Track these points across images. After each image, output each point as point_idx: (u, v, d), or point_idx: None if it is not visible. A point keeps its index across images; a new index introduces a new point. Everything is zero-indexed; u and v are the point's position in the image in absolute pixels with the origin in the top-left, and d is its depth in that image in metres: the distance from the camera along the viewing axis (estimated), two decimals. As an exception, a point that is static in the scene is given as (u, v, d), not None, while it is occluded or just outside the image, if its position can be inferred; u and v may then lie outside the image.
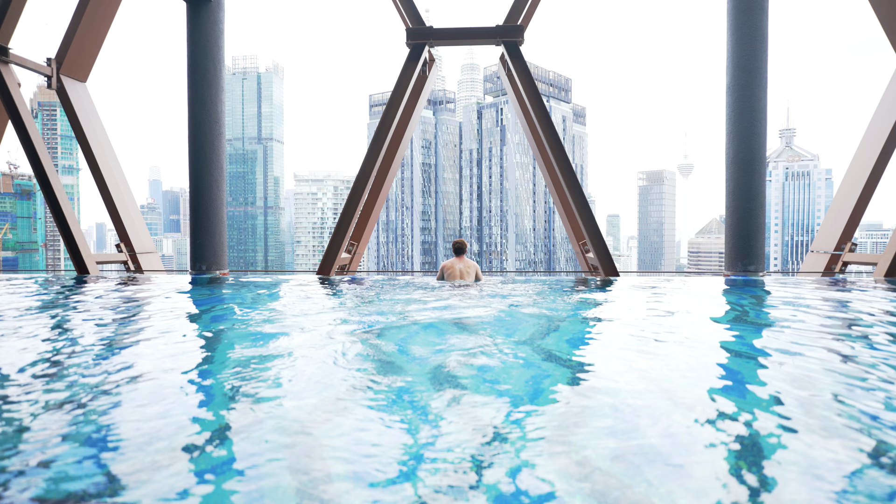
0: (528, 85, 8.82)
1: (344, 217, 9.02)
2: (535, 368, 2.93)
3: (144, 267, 10.32)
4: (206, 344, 3.71)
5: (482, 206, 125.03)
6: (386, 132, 9.07)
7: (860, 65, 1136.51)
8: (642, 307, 5.65)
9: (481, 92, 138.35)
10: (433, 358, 3.11)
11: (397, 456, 1.77)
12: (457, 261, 6.96)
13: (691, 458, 1.78)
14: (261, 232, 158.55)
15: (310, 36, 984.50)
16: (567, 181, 8.70)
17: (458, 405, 2.26)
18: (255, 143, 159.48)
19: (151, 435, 1.95)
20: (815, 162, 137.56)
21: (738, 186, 8.31)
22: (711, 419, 2.13)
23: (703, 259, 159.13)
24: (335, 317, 4.92)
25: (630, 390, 2.52)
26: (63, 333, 4.14)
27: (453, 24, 46.42)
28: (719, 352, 3.47)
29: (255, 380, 2.68)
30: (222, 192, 9.47)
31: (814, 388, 2.53)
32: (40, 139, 9.91)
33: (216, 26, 9.25)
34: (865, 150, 8.96)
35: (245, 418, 2.12)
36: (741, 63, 8.16)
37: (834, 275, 9.03)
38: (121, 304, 5.86)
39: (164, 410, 2.23)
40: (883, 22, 8.58)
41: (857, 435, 1.93)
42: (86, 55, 10.34)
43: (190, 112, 9.25)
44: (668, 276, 12.22)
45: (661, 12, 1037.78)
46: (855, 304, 5.54)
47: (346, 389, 2.53)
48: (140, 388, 2.57)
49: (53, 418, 2.13)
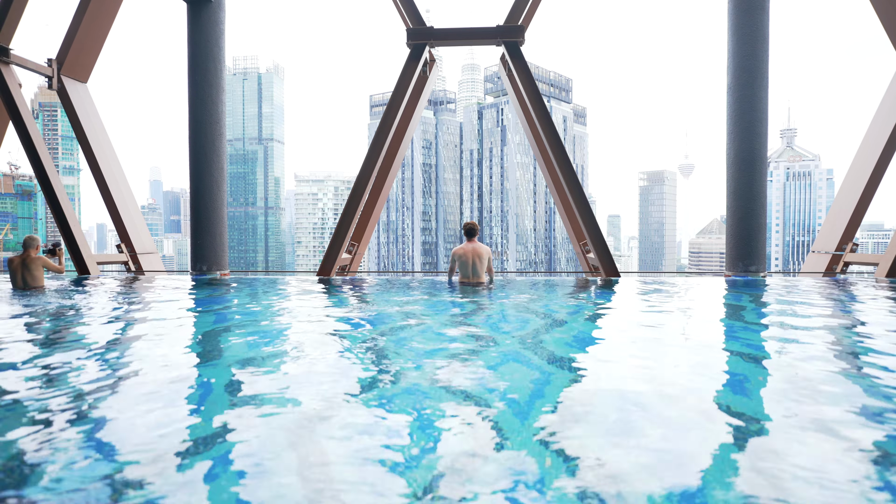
0: (529, 85, 8.81)
1: (344, 217, 9.02)
2: (536, 369, 2.93)
3: (145, 267, 10.32)
4: (206, 344, 3.71)
5: (483, 206, 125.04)
6: (386, 132, 9.06)
7: (861, 65, 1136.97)
8: (643, 307, 5.64)
9: (482, 92, 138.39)
10: (434, 358, 3.10)
11: (398, 456, 1.77)
12: (468, 245, 6.82)
13: (693, 458, 1.77)
14: (261, 232, 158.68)
15: (310, 36, 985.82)
16: (568, 181, 8.70)
17: (459, 406, 2.25)
18: (255, 144, 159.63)
19: (151, 435, 1.95)
20: (816, 162, 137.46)
21: (739, 186, 8.30)
22: (712, 419, 2.12)
23: (704, 259, 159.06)
24: (336, 317, 4.92)
25: (631, 390, 2.52)
26: (63, 334, 4.13)
27: (454, 25, 46.39)
28: (720, 352, 3.46)
29: (255, 380, 2.68)
30: (223, 192, 9.47)
31: (814, 388, 2.52)
32: (41, 140, 9.92)
33: (217, 27, 9.25)
34: (866, 150, 8.94)
35: (246, 418, 2.11)
36: (742, 63, 8.15)
37: (835, 275, 9.02)
38: (121, 305, 5.86)
39: (165, 411, 2.22)
40: (884, 22, 8.57)
41: (858, 436, 1.92)
42: (86, 56, 10.35)
43: (190, 112, 9.25)
44: (668, 276, 12.22)
45: (661, 12, 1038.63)
46: (856, 305, 5.53)
47: (347, 389, 2.52)
48: (140, 388, 2.56)
49: (53, 418, 2.13)
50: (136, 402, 2.34)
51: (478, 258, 6.80)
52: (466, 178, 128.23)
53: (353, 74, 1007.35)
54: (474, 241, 6.83)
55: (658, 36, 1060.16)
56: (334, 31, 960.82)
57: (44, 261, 6.79)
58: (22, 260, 6.68)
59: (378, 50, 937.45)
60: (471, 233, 6.86)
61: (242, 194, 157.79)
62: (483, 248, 6.81)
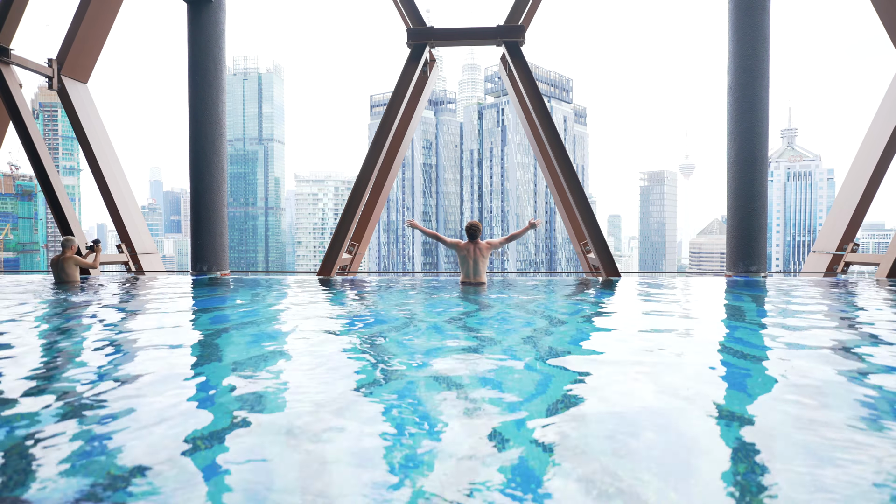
0: (529, 85, 8.81)
1: (345, 218, 9.02)
2: (537, 369, 2.92)
3: (145, 267, 10.32)
4: (206, 345, 3.71)
5: (483, 206, 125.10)
6: (387, 133, 9.06)
7: (862, 65, 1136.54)
8: (644, 308, 5.64)
9: (482, 92, 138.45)
10: (434, 359, 3.10)
11: (398, 456, 1.76)
12: (471, 244, 6.78)
13: (694, 458, 1.77)
14: (262, 232, 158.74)
15: (310, 36, 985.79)
16: (568, 181, 8.69)
17: (460, 406, 2.25)
18: (255, 144, 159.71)
19: (151, 435, 1.94)
20: (816, 162, 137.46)
21: (739, 187, 8.29)
22: (714, 420, 2.12)
23: (705, 259, 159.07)
24: (336, 317, 4.91)
25: (632, 391, 2.51)
26: (63, 334, 4.13)
27: (454, 25, 46.39)
28: (721, 353, 3.45)
29: (255, 380, 2.68)
30: (223, 192, 9.47)
31: (814, 388, 2.52)
32: (41, 140, 9.93)
33: (217, 27, 9.25)
34: (867, 150, 8.94)
35: (246, 418, 2.11)
36: (743, 63, 8.15)
37: (836, 275, 9.01)
38: (121, 305, 5.86)
39: (164, 410, 2.22)
40: (884, 22, 8.57)
41: (860, 436, 1.92)
42: (87, 56, 10.36)
43: (191, 113, 9.25)
44: (669, 276, 12.21)
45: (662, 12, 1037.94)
46: (857, 305, 5.53)
47: (347, 389, 2.52)
48: (140, 388, 2.56)
49: (53, 419, 2.12)
50: (135, 402, 2.34)
51: (480, 257, 6.79)
52: (467, 179, 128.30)
53: (353, 74, 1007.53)
54: (478, 242, 6.81)
55: (658, 36, 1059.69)
56: (334, 31, 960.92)
57: (76, 259, 7.77)
58: (59, 259, 7.73)
59: (378, 50, 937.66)
60: (473, 234, 6.83)
61: (242, 194, 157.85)
62: (485, 248, 6.79)
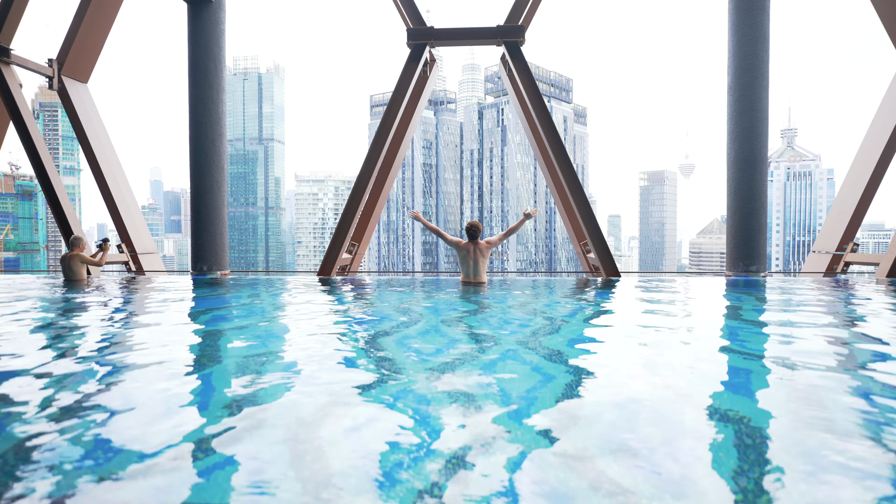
0: (529, 85, 8.81)
1: (345, 218, 9.02)
2: (537, 369, 2.93)
3: (146, 267, 10.33)
4: (206, 344, 3.71)
5: (483, 206, 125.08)
6: (387, 132, 9.07)
7: (862, 65, 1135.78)
8: (644, 307, 5.64)
9: (482, 92, 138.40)
10: (435, 358, 3.10)
11: (398, 456, 1.77)
12: (471, 247, 6.75)
13: (694, 458, 1.77)
14: (262, 232, 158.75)
15: (310, 36, 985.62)
16: (568, 181, 8.70)
17: (460, 406, 2.25)
18: (256, 144, 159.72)
19: (151, 435, 1.95)
20: (816, 162, 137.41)
21: (739, 186, 8.30)
22: (714, 420, 2.12)
23: (705, 259, 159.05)
24: (336, 317, 4.92)
25: (633, 391, 2.52)
26: (63, 334, 4.14)
27: (454, 25, 46.40)
28: (721, 353, 3.46)
29: (255, 380, 2.68)
30: (223, 192, 9.48)
31: (814, 388, 2.52)
32: (41, 140, 9.94)
33: (217, 27, 9.26)
34: (867, 150, 8.94)
35: (246, 418, 2.11)
36: (743, 63, 8.15)
37: (836, 275, 9.02)
38: (121, 305, 5.87)
39: (163, 410, 2.22)
40: (884, 22, 8.57)
41: (861, 436, 1.92)
42: (87, 56, 10.36)
43: (191, 113, 9.26)
44: (669, 276, 12.21)
45: (662, 12, 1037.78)
46: (857, 305, 5.53)
47: (348, 389, 2.52)
48: (140, 388, 2.56)
49: (53, 419, 2.13)
50: (134, 402, 2.35)
51: (480, 257, 6.78)
52: (467, 178, 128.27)
53: (353, 74, 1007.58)
54: (478, 242, 6.80)
55: (658, 36, 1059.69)
56: (334, 31, 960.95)
57: (82, 258, 8.11)
58: (66, 257, 8.10)
59: (378, 50, 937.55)
60: (473, 234, 6.83)
61: (243, 194, 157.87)
62: (485, 248, 6.79)
